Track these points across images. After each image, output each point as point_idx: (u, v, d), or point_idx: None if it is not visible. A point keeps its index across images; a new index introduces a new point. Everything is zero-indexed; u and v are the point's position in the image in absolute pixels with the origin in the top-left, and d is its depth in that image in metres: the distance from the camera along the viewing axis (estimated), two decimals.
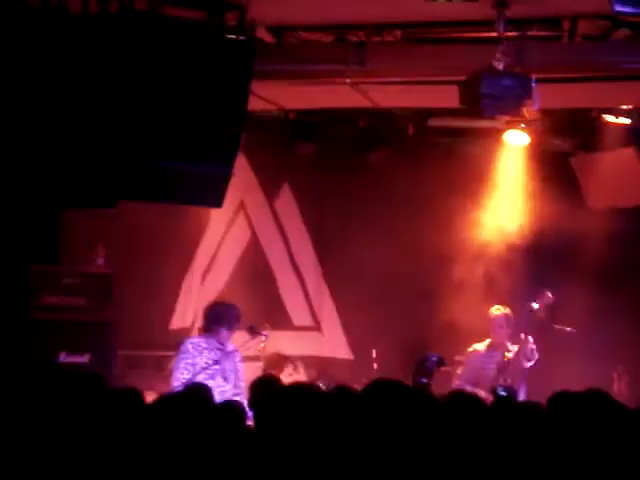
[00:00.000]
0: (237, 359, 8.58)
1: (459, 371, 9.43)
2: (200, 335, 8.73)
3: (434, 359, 8.06)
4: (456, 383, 9.25)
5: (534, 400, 5.36)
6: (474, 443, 4.71)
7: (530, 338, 9.12)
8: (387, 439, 4.48)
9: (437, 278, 10.84)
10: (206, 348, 8.45)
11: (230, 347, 8.58)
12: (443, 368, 8.42)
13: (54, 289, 10.09)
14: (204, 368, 8.30)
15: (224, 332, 8.51)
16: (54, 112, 7.30)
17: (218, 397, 7.71)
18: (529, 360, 9.14)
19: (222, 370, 8.41)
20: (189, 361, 8.34)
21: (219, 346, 8.48)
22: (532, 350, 9.14)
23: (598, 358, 10.15)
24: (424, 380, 7.83)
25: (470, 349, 9.42)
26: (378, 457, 4.47)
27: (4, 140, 7.28)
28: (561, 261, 10.57)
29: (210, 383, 8.06)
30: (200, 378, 8.17)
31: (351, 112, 10.74)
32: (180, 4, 7.60)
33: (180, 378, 8.27)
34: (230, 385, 8.43)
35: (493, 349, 9.28)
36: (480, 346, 9.38)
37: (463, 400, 5.03)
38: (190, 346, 8.46)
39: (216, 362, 8.35)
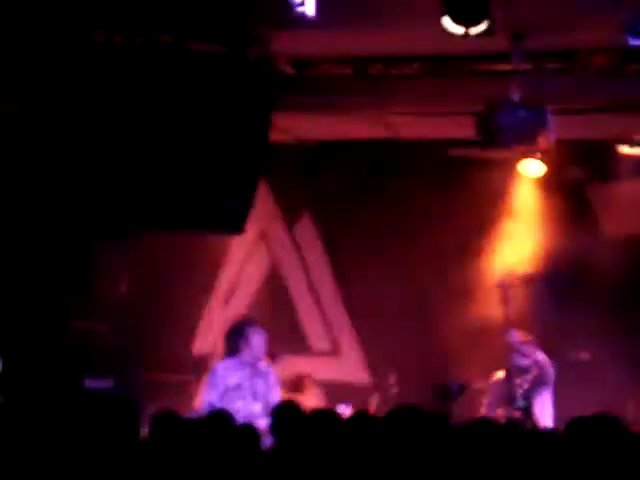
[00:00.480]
0: (271, 379, 8.58)
1: (485, 400, 9.41)
2: (231, 356, 8.67)
3: (455, 386, 8.05)
4: (482, 412, 9.24)
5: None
6: (493, 471, 4.79)
7: (513, 331, 9.22)
8: (407, 466, 4.56)
9: (455, 304, 10.93)
10: (238, 368, 8.48)
11: (263, 366, 8.61)
12: (464, 394, 8.41)
13: (79, 315, 10.25)
14: (232, 388, 8.36)
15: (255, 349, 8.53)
16: (93, 151, 7.52)
17: (245, 417, 7.78)
18: (522, 354, 9.15)
19: (252, 390, 8.45)
20: (217, 383, 8.37)
21: (251, 364, 8.48)
22: (521, 342, 9.20)
23: (614, 386, 10.18)
24: (444, 406, 7.83)
25: (493, 378, 9.45)
26: None
27: (47, 178, 7.52)
28: (577, 289, 10.62)
29: (238, 403, 8.20)
30: (229, 397, 8.25)
31: (371, 141, 10.86)
32: (205, 39, 7.78)
33: (207, 399, 8.32)
34: (259, 404, 8.40)
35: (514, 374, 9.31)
36: (502, 373, 9.41)
37: (483, 428, 5.07)
38: (221, 368, 8.51)
39: (241, 383, 8.39)
